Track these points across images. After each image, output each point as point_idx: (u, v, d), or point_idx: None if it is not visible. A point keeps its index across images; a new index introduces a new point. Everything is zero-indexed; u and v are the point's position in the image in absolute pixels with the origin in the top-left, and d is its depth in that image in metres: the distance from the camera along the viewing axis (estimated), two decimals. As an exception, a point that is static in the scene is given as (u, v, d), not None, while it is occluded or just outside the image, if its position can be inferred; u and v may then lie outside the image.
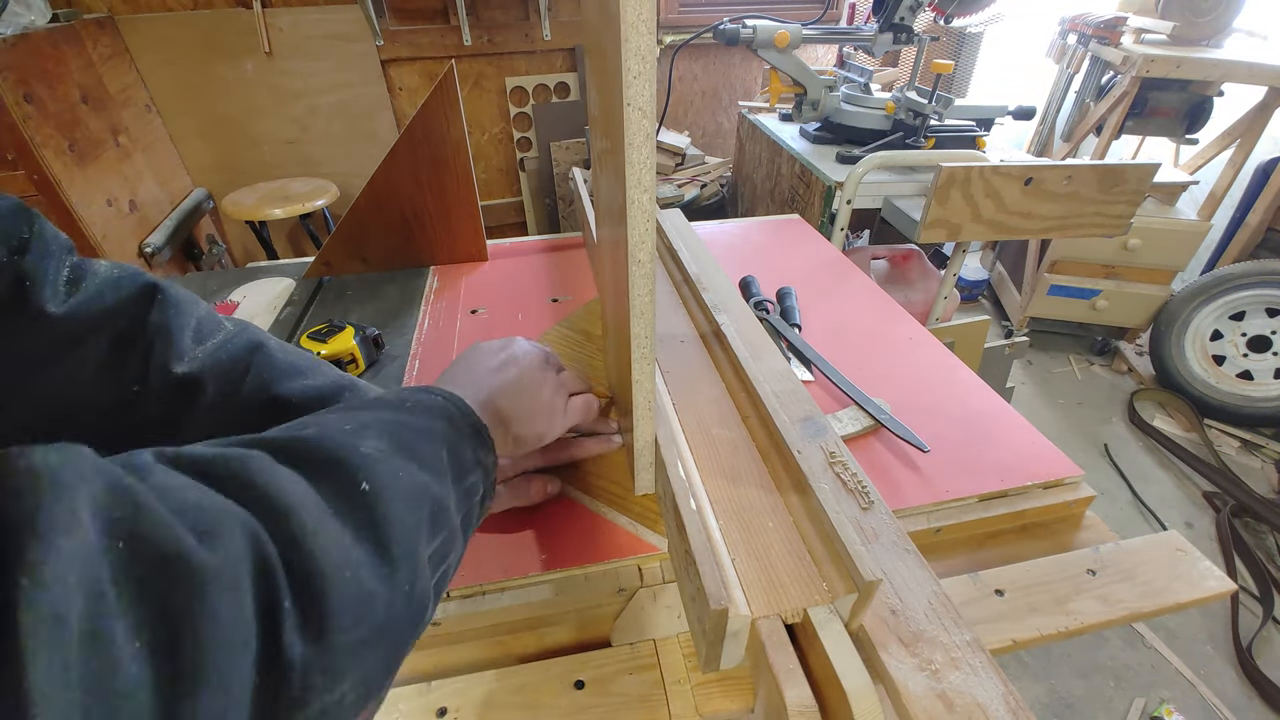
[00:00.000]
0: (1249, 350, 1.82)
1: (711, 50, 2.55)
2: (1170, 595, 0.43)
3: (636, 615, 0.43)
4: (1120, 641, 1.30)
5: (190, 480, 0.20)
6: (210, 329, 0.40)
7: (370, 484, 0.25)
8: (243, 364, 0.40)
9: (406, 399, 0.34)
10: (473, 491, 0.33)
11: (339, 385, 0.43)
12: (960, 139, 1.44)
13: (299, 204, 1.97)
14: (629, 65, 0.28)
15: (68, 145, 1.64)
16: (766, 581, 0.37)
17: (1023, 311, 2.17)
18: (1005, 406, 0.59)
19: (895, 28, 1.45)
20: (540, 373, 0.44)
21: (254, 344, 0.41)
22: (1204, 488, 1.64)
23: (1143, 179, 1.02)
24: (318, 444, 0.26)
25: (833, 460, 0.45)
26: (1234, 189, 1.86)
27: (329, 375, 0.43)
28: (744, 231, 1.00)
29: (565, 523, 0.48)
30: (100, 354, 0.35)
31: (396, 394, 0.35)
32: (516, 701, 0.38)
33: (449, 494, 0.30)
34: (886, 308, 0.77)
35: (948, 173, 0.99)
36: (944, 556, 0.49)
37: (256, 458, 0.23)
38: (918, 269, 1.53)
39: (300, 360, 0.43)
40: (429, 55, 2.25)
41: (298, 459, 0.25)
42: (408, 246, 0.86)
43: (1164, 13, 1.80)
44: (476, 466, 0.34)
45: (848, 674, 0.31)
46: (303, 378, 0.42)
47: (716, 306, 0.60)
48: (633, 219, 0.32)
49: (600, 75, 0.38)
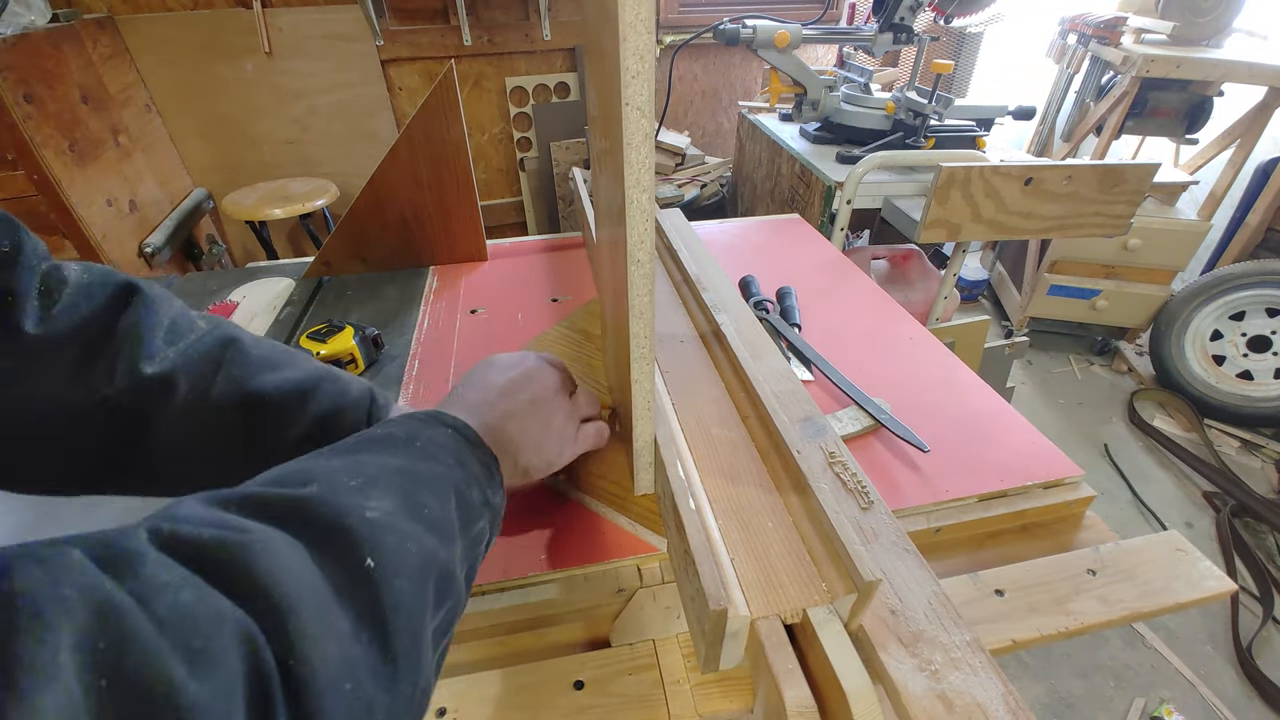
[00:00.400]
0: (1249, 350, 1.82)
1: (711, 50, 2.55)
2: (1170, 595, 0.43)
3: (636, 615, 0.43)
4: (1120, 641, 1.30)
5: (185, 574, 0.19)
6: (184, 328, 0.39)
7: (375, 561, 0.24)
8: (214, 360, 0.39)
9: (416, 436, 0.33)
10: (479, 539, 0.33)
11: (316, 376, 0.42)
12: (960, 139, 1.44)
13: (299, 204, 1.97)
14: (627, 65, 0.28)
15: (68, 145, 1.64)
16: (766, 581, 0.36)
17: (1023, 311, 2.17)
18: (1005, 406, 0.59)
19: (895, 28, 1.45)
20: (555, 398, 0.43)
21: (226, 339, 0.40)
22: (1204, 488, 1.64)
23: (1143, 179, 1.02)
24: (321, 507, 0.25)
25: (832, 460, 0.45)
26: (1234, 189, 1.86)
27: (305, 367, 0.43)
28: (744, 231, 1.00)
29: (565, 523, 0.48)
30: (69, 363, 0.35)
31: (406, 428, 0.33)
32: (516, 701, 0.38)
33: (455, 552, 0.29)
34: (886, 308, 0.77)
35: (948, 173, 0.99)
36: (944, 556, 0.49)
37: (258, 538, 0.22)
38: (918, 269, 1.53)
39: (274, 354, 0.42)
40: (429, 55, 2.25)
41: (300, 526, 0.24)
42: (408, 246, 0.86)
43: (1164, 13, 1.80)
44: (485, 510, 0.33)
45: (847, 674, 0.31)
46: (278, 371, 0.41)
47: (716, 306, 0.60)
48: (631, 219, 0.32)
49: (599, 75, 0.38)
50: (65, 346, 0.35)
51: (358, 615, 0.23)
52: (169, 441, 0.38)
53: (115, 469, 0.38)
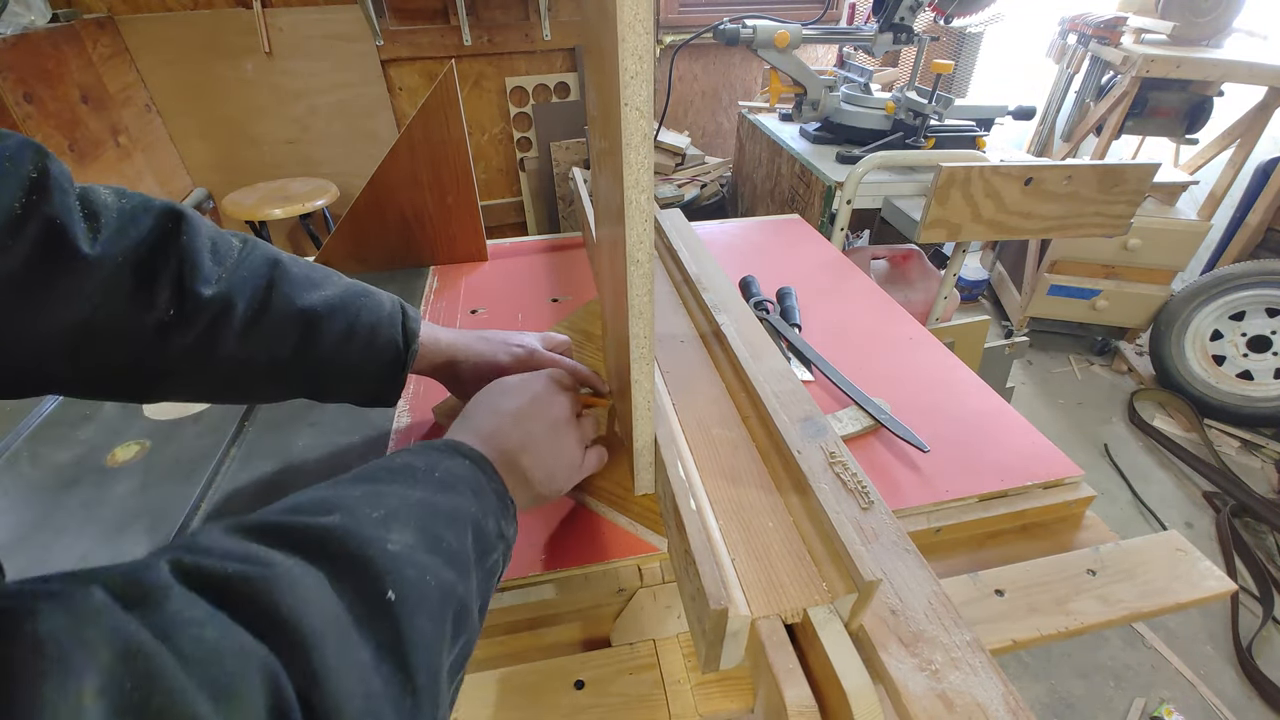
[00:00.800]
0: (1249, 350, 1.81)
1: (711, 50, 2.55)
2: (1170, 595, 0.43)
3: (636, 615, 0.43)
4: (1120, 641, 1.30)
5: (209, 610, 0.19)
6: (224, 248, 0.41)
7: (396, 593, 0.24)
8: (265, 279, 0.41)
9: (435, 467, 0.33)
10: (493, 571, 0.33)
11: (354, 293, 0.46)
12: (960, 139, 1.44)
13: (299, 204, 1.97)
14: (626, 65, 0.28)
15: (68, 145, 1.64)
16: (766, 581, 0.36)
17: (1023, 311, 2.17)
18: (1005, 406, 0.59)
19: (895, 28, 1.45)
20: (566, 425, 0.44)
21: (270, 258, 0.43)
22: (1204, 488, 1.64)
23: (1143, 179, 1.02)
24: (343, 539, 0.25)
25: (833, 460, 0.45)
26: (1234, 189, 1.86)
27: (341, 284, 0.46)
28: (744, 231, 1.00)
29: (565, 523, 0.48)
30: (129, 285, 0.36)
31: (426, 459, 0.34)
32: (516, 701, 0.38)
33: (472, 586, 0.30)
34: (886, 308, 0.77)
35: (948, 173, 0.99)
36: (944, 556, 0.49)
37: (280, 572, 0.22)
38: (918, 269, 1.53)
39: (313, 272, 0.45)
40: (429, 55, 2.25)
41: (322, 556, 0.24)
42: (408, 246, 0.86)
43: (1164, 13, 1.80)
44: (499, 542, 0.34)
45: (847, 674, 0.31)
46: (319, 289, 0.44)
47: (716, 306, 0.60)
48: (631, 219, 0.32)
49: (598, 75, 0.38)
50: (122, 270, 0.36)
51: (378, 646, 0.23)
52: (231, 356, 0.40)
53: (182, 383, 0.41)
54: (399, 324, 0.47)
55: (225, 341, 0.39)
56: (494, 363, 0.52)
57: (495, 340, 0.54)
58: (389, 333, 0.46)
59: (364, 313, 0.45)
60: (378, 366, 0.46)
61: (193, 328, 0.38)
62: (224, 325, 0.39)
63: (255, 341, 0.41)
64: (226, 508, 0.50)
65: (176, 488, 0.52)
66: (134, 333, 0.37)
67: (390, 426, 0.58)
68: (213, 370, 0.40)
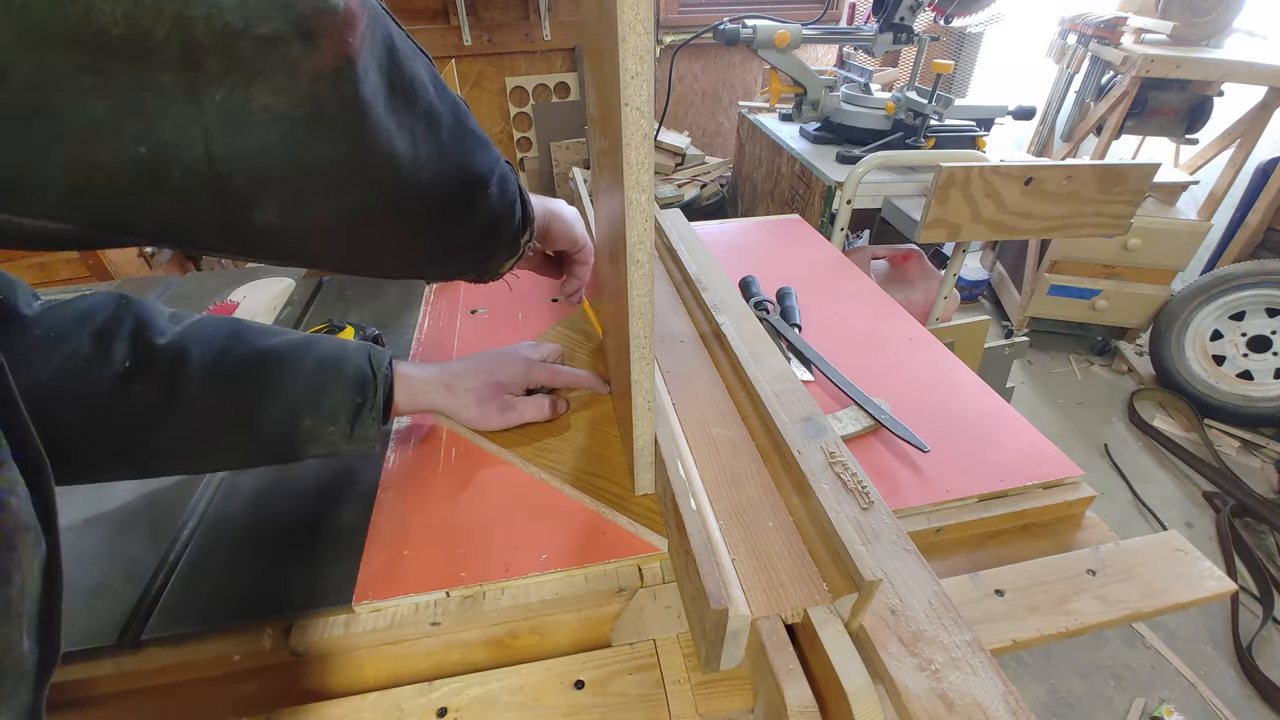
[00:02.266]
0: (1249, 350, 1.81)
1: (711, 50, 2.55)
2: (1170, 595, 0.43)
3: (636, 615, 0.43)
4: (1120, 641, 1.30)
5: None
6: (183, 316, 0.43)
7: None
8: (224, 332, 0.43)
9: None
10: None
11: (313, 336, 0.48)
12: (960, 139, 1.45)
13: (299, 204, 1.96)
14: (626, 65, 0.28)
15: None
16: (766, 581, 0.37)
17: (1023, 311, 2.17)
18: (1005, 406, 0.59)
19: (895, 28, 1.45)
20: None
21: (229, 320, 0.45)
22: (1204, 488, 1.64)
23: (1143, 179, 1.02)
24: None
25: (833, 460, 0.45)
26: (1234, 189, 1.86)
27: (301, 334, 0.47)
28: (744, 231, 1.00)
29: (565, 523, 0.48)
30: (86, 348, 0.37)
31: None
32: (516, 701, 0.38)
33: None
34: (886, 308, 0.77)
35: (948, 173, 0.99)
36: (944, 556, 0.49)
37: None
38: (918, 269, 1.53)
39: (270, 327, 0.47)
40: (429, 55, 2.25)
41: None
42: (407, 246, 0.86)
43: (1164, 13, 1.80)
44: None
45: (848, 674, 0.31)
46: (279, 336, 0.46)
47: (716, 306, 0.60)
48: (631, 219, 0.32)
49: (598, 75, 0.38)
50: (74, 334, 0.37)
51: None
52: (195, 398, 0.40)
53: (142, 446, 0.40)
54: (365, 353, 0.47)
55: (187, 383, 0.40)
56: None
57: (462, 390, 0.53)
58: (355, 361, 0.46)
59: (327, 345, 0.46)
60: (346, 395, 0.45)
61: (150, 376, 0.39)
62: (182, 369, 0.40)
63: (217, 385, 0.41)
64: (227, 507, 0.50)
65: (177, 487, 0.52)
66: (97, 388, 0.37)
67: (389, 427, 0.58)
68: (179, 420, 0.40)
